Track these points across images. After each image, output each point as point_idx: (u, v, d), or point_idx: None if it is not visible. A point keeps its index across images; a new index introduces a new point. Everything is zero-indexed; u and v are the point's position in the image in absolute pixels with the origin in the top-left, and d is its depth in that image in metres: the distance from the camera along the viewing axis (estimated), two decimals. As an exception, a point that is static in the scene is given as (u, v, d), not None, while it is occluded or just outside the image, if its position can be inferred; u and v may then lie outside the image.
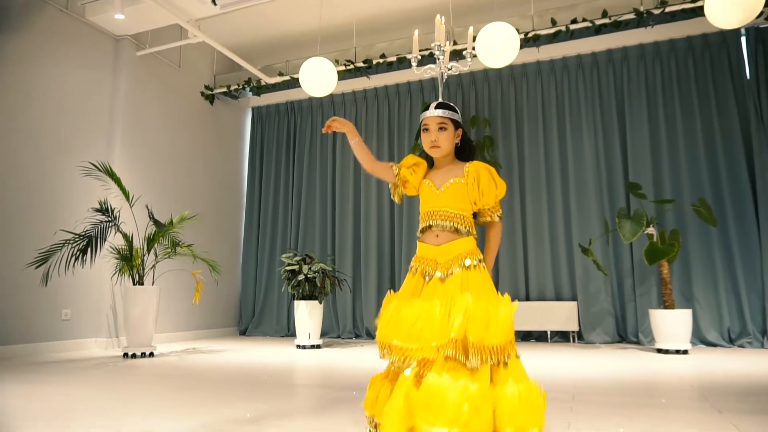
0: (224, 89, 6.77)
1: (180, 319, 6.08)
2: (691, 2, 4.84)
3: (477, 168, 1.75)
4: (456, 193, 1.74)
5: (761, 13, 4.61)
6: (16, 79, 4.65)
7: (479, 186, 1.73)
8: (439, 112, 1.80)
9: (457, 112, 1.83)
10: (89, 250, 4.15)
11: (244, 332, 7.03)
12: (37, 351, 4.61)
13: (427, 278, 1.66)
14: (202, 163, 6.66)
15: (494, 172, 1.76)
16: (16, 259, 4.48)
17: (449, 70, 1.89)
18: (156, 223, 4.50)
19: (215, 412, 2.30)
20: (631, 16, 5.09)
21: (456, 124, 1.82)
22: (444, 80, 2.13)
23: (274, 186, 7.27)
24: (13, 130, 4.59)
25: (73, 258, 4.14)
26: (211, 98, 6.81)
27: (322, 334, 5.88)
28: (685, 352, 4.42)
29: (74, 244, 4.14)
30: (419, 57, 1.80)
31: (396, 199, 1.91)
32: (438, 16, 2.18)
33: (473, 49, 1.78)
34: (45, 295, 4.67)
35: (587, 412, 2.24)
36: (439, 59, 2.01)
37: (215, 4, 4.90)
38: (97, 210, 4.39)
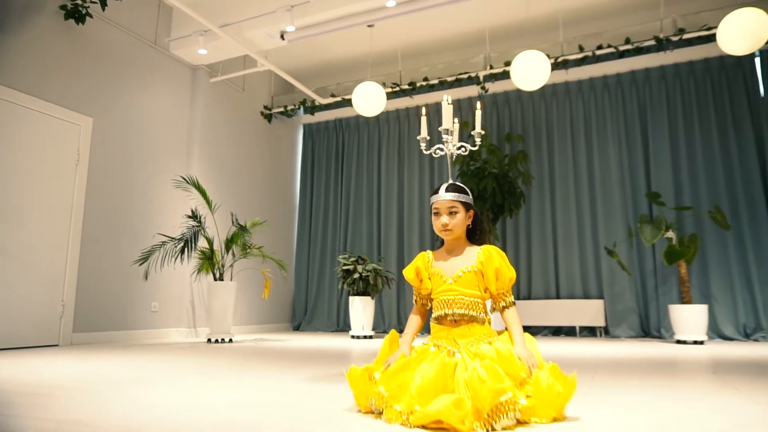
0: (281, 109, 7.57)
1: (239, 313, 6.84)
2: (706, 30, 5.40)
3: (490, 253, 1.78)
4: (468, 282, 1.78)
5: (770, 40, 5.14)
6: (114, 107, 5.49)
7: (495, 271, 1.77)
8: (450, 196, 1.81)
9: (468, 194, 1.85)
10: (186, 250, 4.93)
11: (297, 327, 7.76)
12: (131, 337, 5.41)
13: (447, 357, 1.66)
14: (262, 175, 7.45)
15: (505, 257, 1.81)
16: (118, 258, 5.30)
17: (459, 150, 1.89)
18: (241, 227, 5.26)
19: (310, 371, 2.97)
20: (652, 42, 5.67)
21: (467, 206, 1.83)
22: (453, 159, 2.25)
23: (324, 195, 8.02)
24: (112, 151, 5.43)
25: (172, 257, 4.93)
26: (269, 117, 7.61)
27: (372, 328, 6.56)
28: (702, 342, 4.95)
29: (174, 245, 4.92)
30: (428, 138, 1.93)
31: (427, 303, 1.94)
32: (444, 96, 2.23)
33: (482, 129, 1.85)
34: (139, 289, 5.48)
35: (605, 382, 2.84)
36: (447, 141, 1.97)
37: (283, 39, 5.68)
38: (189, 216, 5.18)
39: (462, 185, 1.86)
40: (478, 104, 2.11)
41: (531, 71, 5.02)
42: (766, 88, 5.81)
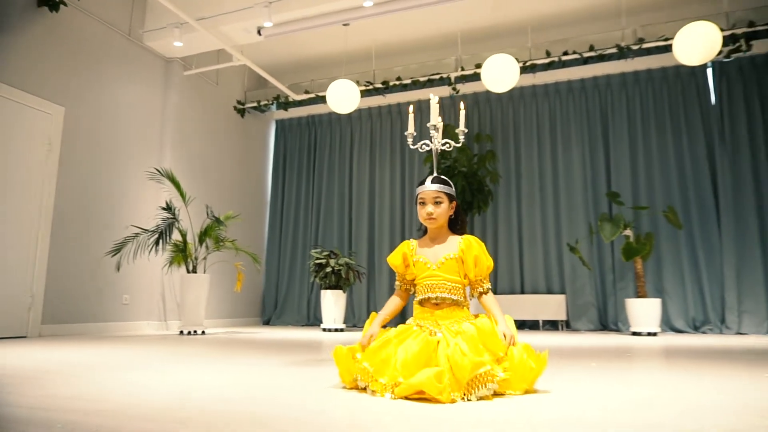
0: (254, 104, 7.59)
1: (210, 307, 6.83)
2: (663, 41, 5.73)
3: (470, 242, 1.92)
4: (450, 268, 1.91)
5: (721, 52, 5.49)
6: (87, 97, 5.42)
7: (474, 258, 1.90)
8: (436, 186, 1.94)
9: (451, 187, 1.98)
10: (160, 242, 4.93)
11: (267, 322, 7.81)
12: (101, 329, 5.37)
13: (429, 336, 1.77)
14: (234, 169, 7.46)
15: (484, 246, 1.96)
16: (89, 249, 5.25)
17: (443, 146, 2.02)
18: (217, 220, 5.29)
19: (289, 358, 3.08)
20: (614, 50, 5.96)
21: (450, 198, 1.96)
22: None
23: (296, 190, 8.08)
24: (84, 141, 5.37)
25: (145, 249, 4.93)
26: (242, 112, 7.62)
27: (343, 321, 6.67)
28: (655, 334, 5.28)
29: (148, 237, 4.92)
30: (414, 133, 1.99)
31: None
32: (431, 95, 2.30)
33: (464, 129, 1.95)
34: (110, 282, 5.44)
35: (570, 364, 3.06)
36: (433, 136, 2.10)
37: (260, 35, 5.72)
38: (164, 208, 5.18)
39: (446, 178, 1.99)
40: (462, 104, 2.25)
41: (501, 74, 5.22)
42: (717, 97, 6.20)
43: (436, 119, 2.08)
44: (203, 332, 5.36)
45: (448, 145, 1.92)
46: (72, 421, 1.33)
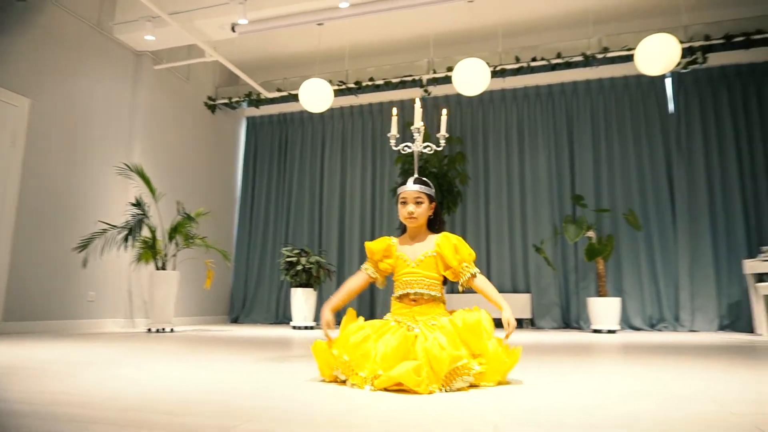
0: (225, 101, 7.54)
1: (177, 305, 6.75)
2: (626, 51, 5.97)
3: (446, 235, 2.03)
4: (428, 265, 2.00)
5: (679, 63, 5.77)
6: (54, 89, 5.30)
7: (453, 247, 1.98)
8: (417, 187, 2.02)
9: (432, 188, 2.07)
10: (129, 238, 4.87)
11: (235, 320, 7.77)
12: (66, 327, 5.26)
13: (407, 331, 1.85)
14: (203, 166, 7.39)
15: (463, 240, 2.05)
16: (54, 245, 5.14)
17: (425, 149, 2.09)
18: (188, 217, 5.25)
19: (264, 355, 3.12)
20: (580, 58, 6.19)
21: (430, 199, 2.04)
22: (420, 156, 2.42)
23: (266, 188, 8.06)
24: (51, 134, 5.25)
25: (114, 245, 4.85)
26: (212, 108, 7.56)
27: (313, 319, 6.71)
28: (614, 332, 5.51)
29: (117, 233, 4.85)
30: (397, 135, 2.05)
31: (380, 286, 2.13)
32: (416, 99, 2.34)
33: (446, 134, 2.04)
34: (75, 278, 5.34)
35: (537, 359, 3.20)
36: (416, 138, 2.18)
37: (234, 32, 5.70)
38: (134, 204, 5.11)
39: (427, 180, 2.08)
40: (444, 111, 2.34)
41: (472, 78, 5.36)
42: (675, 106, 6.51)
43: (419, 122, 2.16)
44: (172, 330, 5.31)
45: (429, 148, 2.01)
46: (65, 413, 1.35)
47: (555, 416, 1.35)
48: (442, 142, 2.04)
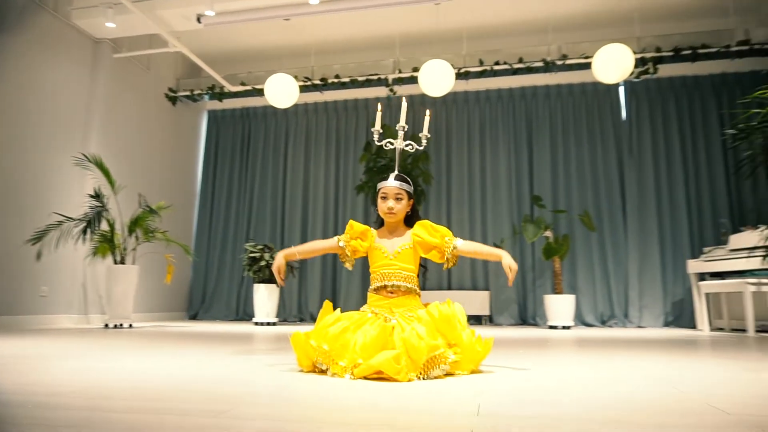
0: (187, 93, 7.39)
1: (134, 300, 6.59)
2: (584, 59, 6.23)
3: (419, 222, 2.15)
4: (406, 257, 2.10)
5: (633, 73, 6.06)
6: (6, 75, 5.07)
7: (429, 227, 2.12)
8: (398, 184, 2.11)
9: (411, 185, 2.16)
10: (87, 231, 4.72)
11: (193, 316, 7.63)
12: (16, 322, 5.05)
13: (384, 322, 1.93)
14: (163, 158, 7.22)
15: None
16: (3, 237, 4.92)
17: (407, 147, 2.15)
18: (151, 210, 5.13)
19: (234, 348, 3.12)
20: (540, 64, 6.42)
21: (410, 195, 2.13)
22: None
23: (228, 182, 7.95)
24: (2, 122, 5.02)
25: (70, 238, 4.70)
26: (173, 100, 7.39)
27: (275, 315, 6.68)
28: (569, 327, 5.76)
29: (74, 226, 4.69)
30: (380, 131, 2.09)
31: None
32: (403, 98, 2.43)
33: (428, 134, 2.11)
34: (27, 272, 5.13)
35: (501, 351, 3.33)
36: (399, 135, 2.22)
37: (200, 23, 5.61)
38: (92, 196, 4.96)
39: (407, 177, 2.16)
40: (428, 112, 2.44)
41: (437, 79, 5.49)
42: (627, 113, 6.84)
43: (404, 121, 2.25)
44: (131, 326, 5.19)
45: (411, 146, 2.09)
46: (44, 402, 1.35)
47: (531, 396, 1.45)
48: (424, 141, 2.11)
